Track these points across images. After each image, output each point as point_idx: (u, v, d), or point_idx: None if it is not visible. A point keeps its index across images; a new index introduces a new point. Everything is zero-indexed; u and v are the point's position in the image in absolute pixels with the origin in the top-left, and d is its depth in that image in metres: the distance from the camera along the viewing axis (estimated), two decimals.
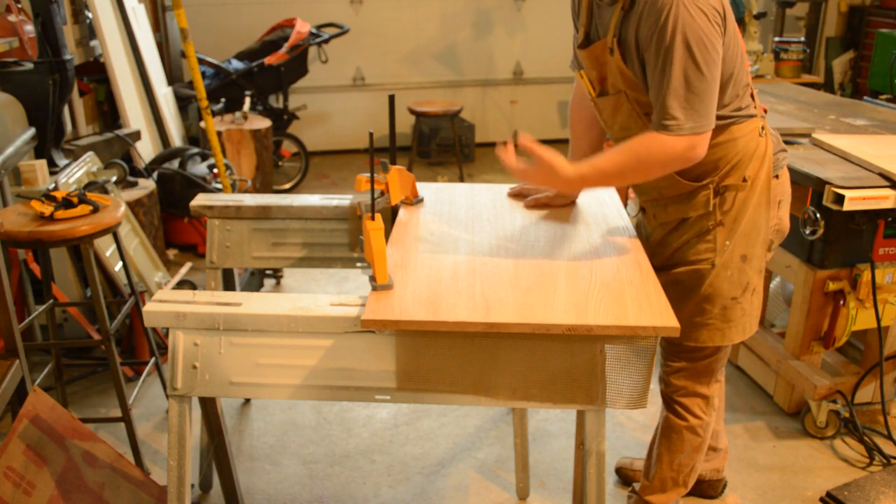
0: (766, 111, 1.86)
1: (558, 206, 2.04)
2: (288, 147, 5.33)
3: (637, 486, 2.19)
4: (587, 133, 2.03)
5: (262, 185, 4.74)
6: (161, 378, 2.79)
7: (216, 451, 2.08)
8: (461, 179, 5.38)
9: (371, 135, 1.60)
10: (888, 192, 2.27)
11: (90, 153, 3.37)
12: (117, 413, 2.49)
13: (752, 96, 1.79)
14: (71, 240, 2.13)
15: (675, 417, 2.02)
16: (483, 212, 2.00)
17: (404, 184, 1.98)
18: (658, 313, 1.46)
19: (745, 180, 1.77)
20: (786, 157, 1.89)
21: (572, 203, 2.06)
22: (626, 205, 2.51)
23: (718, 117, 1.70)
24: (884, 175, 2.33)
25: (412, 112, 5.27)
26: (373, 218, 1.58)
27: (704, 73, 1.55)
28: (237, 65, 5.09)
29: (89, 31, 4.20)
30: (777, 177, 1.85)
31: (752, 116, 1.76)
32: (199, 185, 3.92)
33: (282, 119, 5.21)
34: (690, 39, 1.53)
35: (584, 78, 1.82)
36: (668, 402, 2.04)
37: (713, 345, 1.89)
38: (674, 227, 1.85)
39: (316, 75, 5.57)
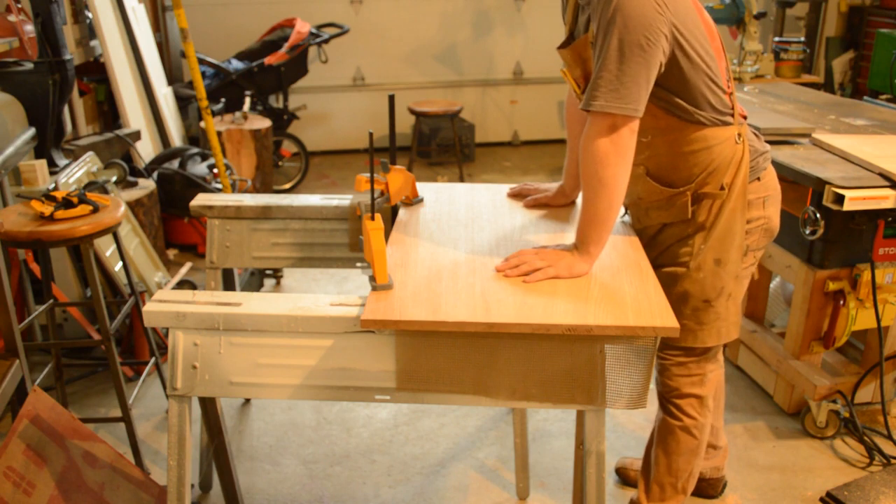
0: (745, 117, 1.85)
1: (558, 205, 2.04)
2: (288, 147, 5.33)
3: (635, 495, 2.18)
4: (582, 132, 2.02)
5: (262, 185, 4.74)
6: (161, 378, 2.79)
7: (216, 451, 2.08)
8: (461, 179, 5.38)
9: (371, 135, 1.60)
10: (888, 192, 2.27)
11: (90, 153, 3.37)
12: (117, 413, 2.49)
13: (731, 104, 1.78)
14: (71, 240, 2.13)
15: (669, 418, 2.02)
16: (483, 212, 2.00)
17: (404, 184, 1.98)
18: (658, 313, 1.46)
19: (722, 188, 1.77)
20: (768, 158, 1.88)
21: (572, 203, 2.06)
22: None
23: (692, 120, 1.71)
24: (884, 175, 2.33)
25: (412, 112, 5.27)
26: (373, 218, 1.58)
27: (631, 57, 1.54)
28: (237, 65, 5.09)
29: (89, 31, 4.20)
30: (759, 178, 1.85)
31: (728, 124, 1.76)
32: (199, 185, 3.91)
33: (282, 119, 5.21)
34: (626, 22, 1.53)
35: (569, 76, 1.82)
36: (663, 402, 2.04)
37: (686, 345, 1.90)
38: (657, 230, 1.87)
39: (316, 75, 5.57)
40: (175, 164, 4.13)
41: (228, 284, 2.62)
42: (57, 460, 1.86)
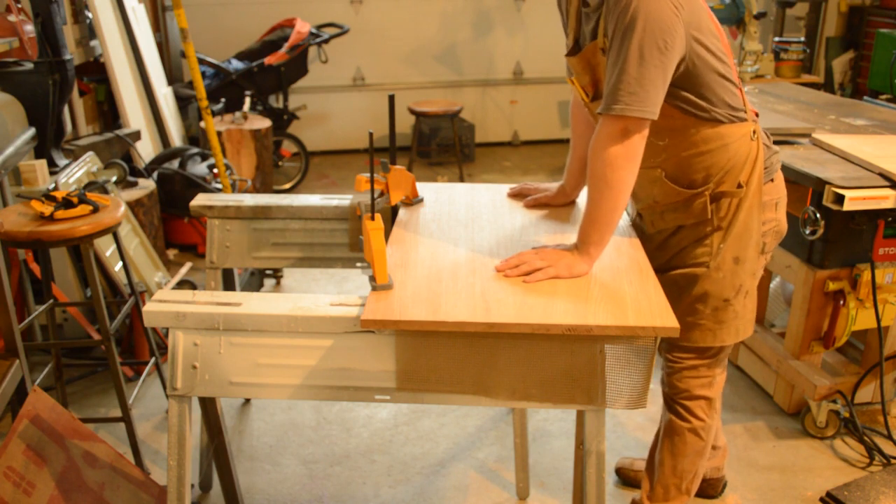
0: (757, 115, 1.86)
1: (558, 205, 2.04)
2: (288, 147, 5.33)
3: (637, 495, 2.18)
4: (587, 133, 2.02)
5: (262, 185, 4.74)
6: (161, 378, 2.79)
7: (216, 451, 2.08)
8: (461, 179, 5.38)
9: (371, 135, 1.60)
10: (888, 192, 2.27)
11: (90, 153, 3.37)
12: (117, 413, 2.49)
13: (743, 101, 1.79)
14: (71, 240, 2.13)
15: (677, 419, 2.02)
16: (483, 212, 2.00)
17: (404, 184, 1.98)
18: (658, 313, 1.46)
19: (739, 186, 1.77)
20: (779, 159, 1.89)
21: (572, 203, 2.06)
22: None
23: (708, 118, 1.71)
24: (884, 175, 2.33)
25: (412, 112, 5.27)
26: (373, 218, 1.58)
27: (650, 60, 1.55)
28: (237, 65, 5.09)
29: (89, 31, 4.20)
30: (772, 180, 1.85)
31: (743, 120, 1.77)
32: (199, 185, 3.92)
33: (282, 119, 5.21)
34: (645, 26, 1.53)
35: (576, 84, 1.82)
36: (671, 404, 2.04)
37: (704, 345, 1.89)
38: (672, 232, 1.86)
39: (316, 75, 5.57)
40: (175, 164, 4.13)
41: (228, 284, 2.62)
42: (57, 460, 1.86)
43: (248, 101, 5.01)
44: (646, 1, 1.53)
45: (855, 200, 2.25)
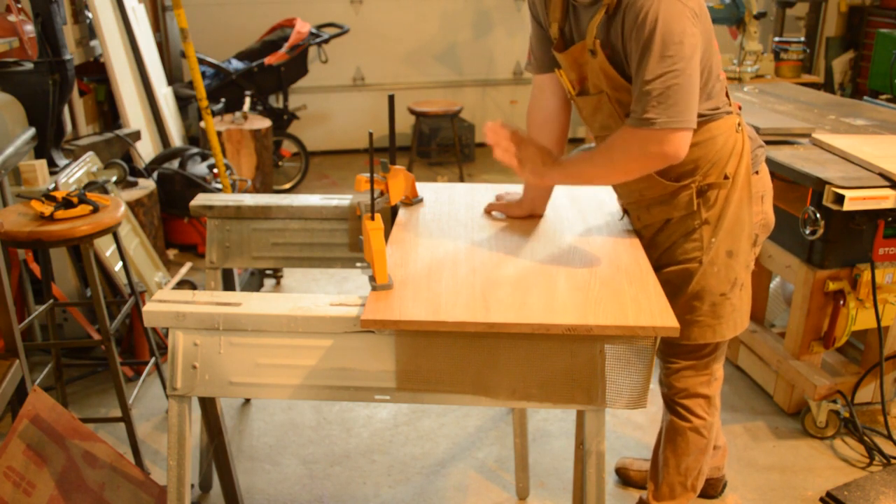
0: (740, 108, 1.87)
1: (514, 216, 1.97)
2: (288, 147, 5.33)
3: (644, 494, 2.18)
4: (546, 130, 1.96)
5: (262, 185, 4.74)
6: (161, 378, 2.79)
7: (216, 451, 2.08)
8: (461, 179, 5.38)
9: (371, 135, 1.60)
10: (888, 192, 2.27)
11: (90, 153, 3.37)
12: (117, 413, 2.49)
13: (726, 93, 1.80)
14: (71, 240, 2.13)
15: (678, 419, 2.02)
16: (483, 212, 2.00)
17: (404, 184, 1.98)
18: (658, 313, 1.46)
19: (726, 178, 1.78)
20: (764, 152, 1.90)
21: (533, 217, 1.99)
22: None
23: (698, 115, 1.71)
24: (884, 175, 2.33)
25: (412, 112, 5.27)
26: (373, 218, 1.58)
27: (681, 68, 1.55)
28: (237, 65, 5.09)
29: (89, 31, 4.20)
30: (757, 172, 1.86)
31: (728, 113, 1.78)
32: (199, 185, 3.92)
33: (282, 119, 5.21)
34: (667, 35, 1.53)
35: (564, 77, 1.82)
36: (671, 404, 2.04)
37: (704, 341, 1.89)
38: (659, 227, 1.86)
39: (316, 75, 5.57)
40: (175, 164, 4.13)
41: (228, 284, 2.62)
42: (57, 460, 1.86)
43: (248, 101, 5.01)
44: (668, 15, 1.52)
45: (855, 200, 2.25)
